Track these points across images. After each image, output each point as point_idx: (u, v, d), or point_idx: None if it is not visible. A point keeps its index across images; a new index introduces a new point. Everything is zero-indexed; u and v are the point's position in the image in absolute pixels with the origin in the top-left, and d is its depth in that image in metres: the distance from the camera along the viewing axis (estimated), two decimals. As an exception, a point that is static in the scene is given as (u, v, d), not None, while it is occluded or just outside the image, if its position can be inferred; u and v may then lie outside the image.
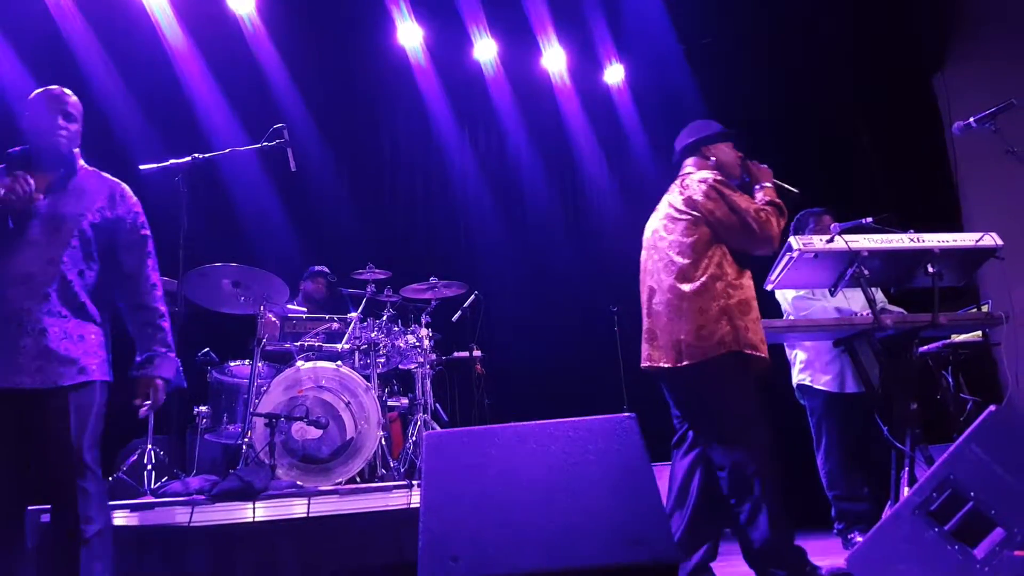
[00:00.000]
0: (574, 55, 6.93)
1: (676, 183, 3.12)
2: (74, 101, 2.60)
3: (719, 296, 2.80)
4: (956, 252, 3.50)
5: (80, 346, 2.41)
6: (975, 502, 2.20)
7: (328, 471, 4.05)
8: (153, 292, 2.60)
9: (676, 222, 2.95)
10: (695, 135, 3.25)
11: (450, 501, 1.56)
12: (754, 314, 2.87)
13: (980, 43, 6.42)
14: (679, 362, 2.81)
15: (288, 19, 6.04)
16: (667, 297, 2.90)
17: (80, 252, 2.46)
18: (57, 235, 2.42)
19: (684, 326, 2.80)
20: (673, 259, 2.91)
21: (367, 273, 4.84)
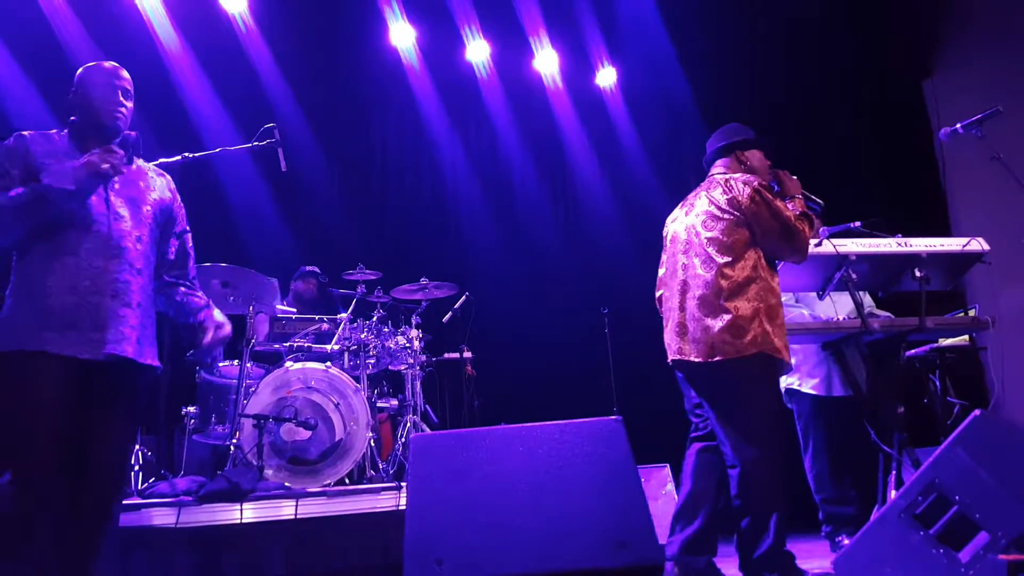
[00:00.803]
0: (566, 57, 6.93)
1: (714, 182, 3.12)
2: (129, 78, 2.52)
3: (755, 298, 2.86)
4: (943, 256, 3.53)
5: (153, 330, 2.43)
6: (960, 506, 2.21)
7: (317, 473, 4.03)
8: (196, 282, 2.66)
9: (718, 220, 2.98)
10: (730, 138, 3.29)
11: (436, 504, 1.56)
12: (780, 319, 2.94)
13: (970, 49, 6.47)
14: (711, 357, 2.85)
15: (281, 19, 6.01)
16: (703, 293, 2.92)
17: (156, 234, 2.48)
18: (139, 214, 2.41)
19: (719, 323, 2.84)
20: (713, 256, 2.94)
21: (357, 274, 4.83)
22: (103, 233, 2.29)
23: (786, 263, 3.30)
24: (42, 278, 2.21)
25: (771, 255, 3.04)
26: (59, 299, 2.20)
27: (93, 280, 2.24)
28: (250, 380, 4.21)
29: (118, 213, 2.35)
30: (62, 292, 2.20)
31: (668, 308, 3.13)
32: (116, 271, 2.29)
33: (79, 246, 2.25)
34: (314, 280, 5.37)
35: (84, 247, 2.26)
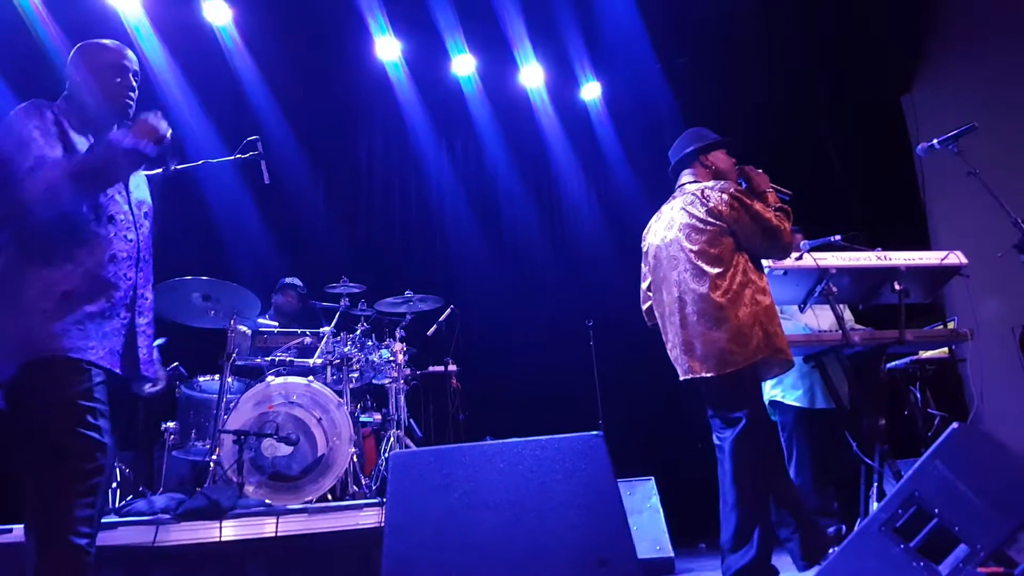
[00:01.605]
0: (552, 72, 6.97)
1: (687, 194, 3.13)
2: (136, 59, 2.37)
3: (750, 302, 2.90)
4: (922, 270, 3.57)
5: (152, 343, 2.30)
6: (939, 519, 2.22)
7: (298, 489, 3.99)
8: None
9: (701, 232, 3.00)
10: (692, 143, 3.31)
11: (414, 522, 1.54)
12: (776, 318, 2.97)
13: (948, 64, 6.58)
14: (723, 370, 2.85)
15: (265, 32, 5.99)
16: (701, 307, 2.93)
17: (152, 239, 2.33)
18: (142, 216, 2.27)
19: (724, 335, 2.86)
20: (704, 269, 2.95)
21: (341, 287, 4.80)
22: (133, 241, 2.19)
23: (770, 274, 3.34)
24: (81, 280, 2.05)
25: (756, 256, 3.09)
26: (99, 307, 2.06)
27: (125, 291, 2.14)
28: (231, 395, 4.17)
29: (138, 220, 2.25)
30: (101, 299, 2.07)
31: (669, 325, 3.11)
32: (141, 286, 2.20)
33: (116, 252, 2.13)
34: (293, 292, 5.34)
35: (120, 254, 2.14)
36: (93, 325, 2.04)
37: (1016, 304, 5.39)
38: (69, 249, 2.06)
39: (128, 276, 2.15)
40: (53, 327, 1.97)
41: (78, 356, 1.98)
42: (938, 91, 6.63)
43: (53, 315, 1.99)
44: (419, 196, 6.97)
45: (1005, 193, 3.35)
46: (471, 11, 6.23)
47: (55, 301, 2.00)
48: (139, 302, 2.19)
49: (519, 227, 7.12)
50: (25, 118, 2.11)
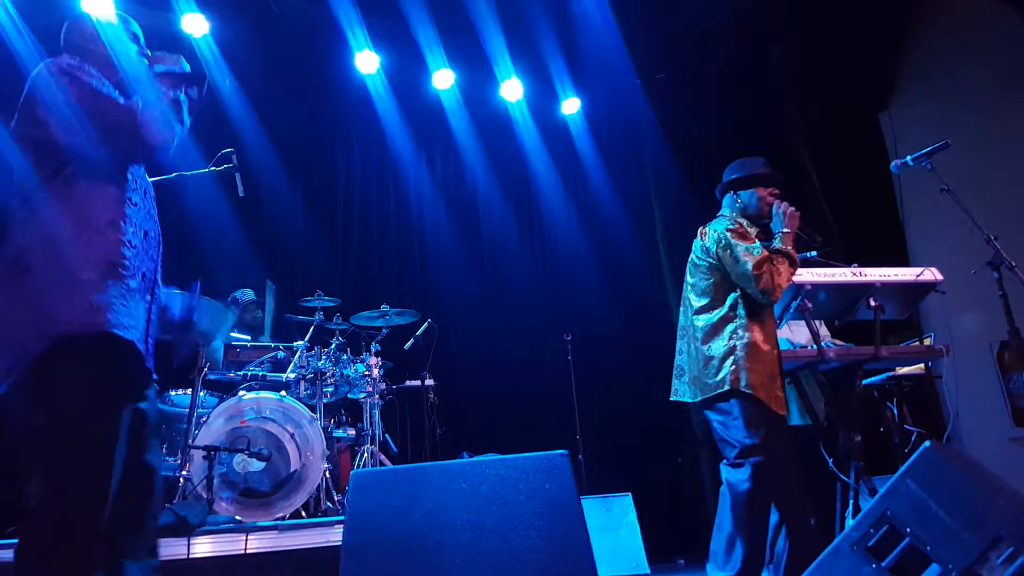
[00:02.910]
0: (531, 86, 6.99)
1: (703, 226, 3.29)
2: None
3: (730, 337, 3.00)
4: (897, 286, 3.58)
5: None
6: (911, 538, 2.20)
7: (270, 505, 3.92)
8: None
9: (696, 267, 3.20)
10: (729, 175, 3.44)
11: (372, 543, 1.50)
12: (762, 356, 3.00)
13: (925, 82, 6.65)
14: (695, 398, 3.04)
15: (244, 43, 5.95)
16: (688, 335, 3.14)
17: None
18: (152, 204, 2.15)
19: (698, 365, 3.03)
20: (693, 301, 3.16)
21: (316, 300, 4.75)
22: (156, 220, 2.10)
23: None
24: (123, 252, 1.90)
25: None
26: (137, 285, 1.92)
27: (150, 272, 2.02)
28: (203, 409, 4.10)
29: (148, 202, 2.12)
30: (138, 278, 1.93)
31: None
32: (158, 267, 2.09)
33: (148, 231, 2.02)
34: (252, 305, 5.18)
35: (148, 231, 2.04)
36: (133, 302, 1.88)
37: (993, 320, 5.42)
38: (113, 218, 1.91)
39: (154, 257, 2.04)
40: (97, 299, 1.78)
41: (122, 334, 1.81)
42: (916, 109, 6.70)
43: (96, 286, 1.80)
44: (398, 210, 6.94)
45: (981, 209, 3.37)
46: (451, 25, 6.23)
47: (100, 272, 1.83)
48: (156, 289, 2.06)
49: (498, 241, 7.11)
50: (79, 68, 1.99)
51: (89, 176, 1.90)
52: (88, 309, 1.76)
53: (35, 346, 1.73)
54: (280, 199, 6.34)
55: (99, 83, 1.97)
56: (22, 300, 1.78)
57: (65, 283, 1.78)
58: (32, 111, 1.94)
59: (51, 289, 1.77)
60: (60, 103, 1.90)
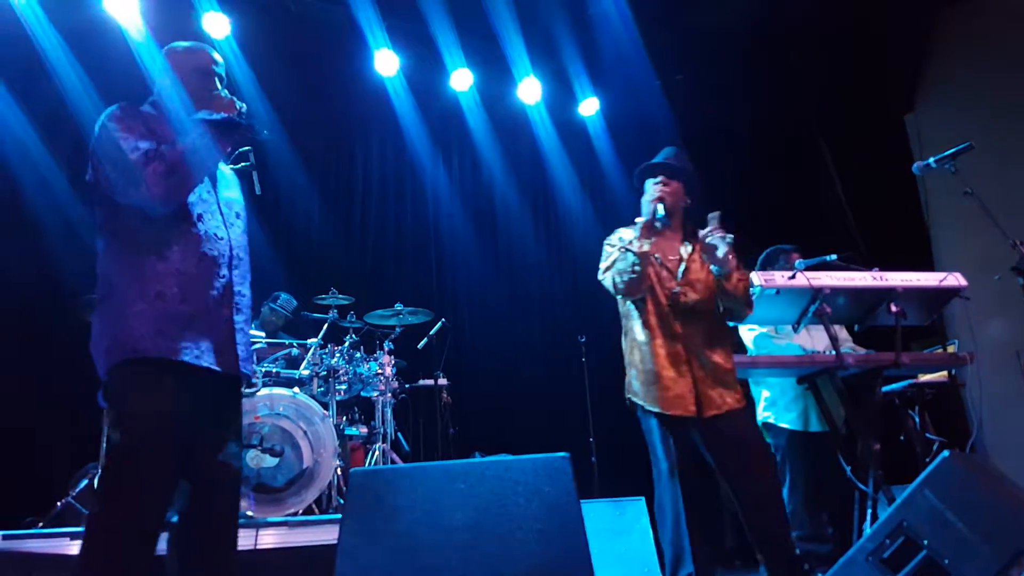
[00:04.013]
0: (549, 87, 6.96)
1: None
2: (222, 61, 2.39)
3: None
4: (919, 291, 3.49)
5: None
6: (928, 550, 2.14)
7: (281, 501, 3.93)
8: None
9: None
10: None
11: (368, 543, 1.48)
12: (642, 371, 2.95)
13: (951, 83, 6.53)
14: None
15: (265, 45, 5.99)
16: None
17: (247, 238, 2.35)
18: (233, 215, 2.28)
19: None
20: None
21: (330, 298, 4.76)
22: (224, 240, 2.19)
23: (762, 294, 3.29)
24: (172, 281, 2.05)
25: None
26: (192, 306, 2.06)
27: (219, 291, 2.13)
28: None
29: (230, 219, 2.25)
30: (194, 298, 2.07)
31: None
32: (238, 283, 2.20)
33: (206, 252, 2.13)
34: (283, 313, 5.24)
35: (210, 254, 2.13)
36: (187, 325, 2.04)
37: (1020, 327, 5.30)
38: (160, 250, 2.07)
39: (222, 274, 2.15)
40: (145, 328, 1.99)
41: (167, 356, 1.98)
42: (941, 110, 6.57)
43: (145, 316, 2.00)
44: (414, 209, 6.94)
45: (1007, 213, 3.27)
46: (469, 26, 6.23)
47: (148, 301, 2.02)
48: (236, 299, 2.18)
49: (514, 242, 7.08)
50: (119, 119, 2.13)
51: (136, 213, 2.08)
52: (134, 338, 1.98)
53: (103, 365, 2.02)
54: (297, 197, 6.36)
55: (125, 130, 2.10)
56: (102, 322, 2.07)
57: (120, 314, 2.02)
58: (92, 151, 2.16)
59: (112, 318, 2.04)
60: (98, 147, 2.12)
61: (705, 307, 2.93)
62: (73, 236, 4.92)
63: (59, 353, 4.82)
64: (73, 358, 4.72)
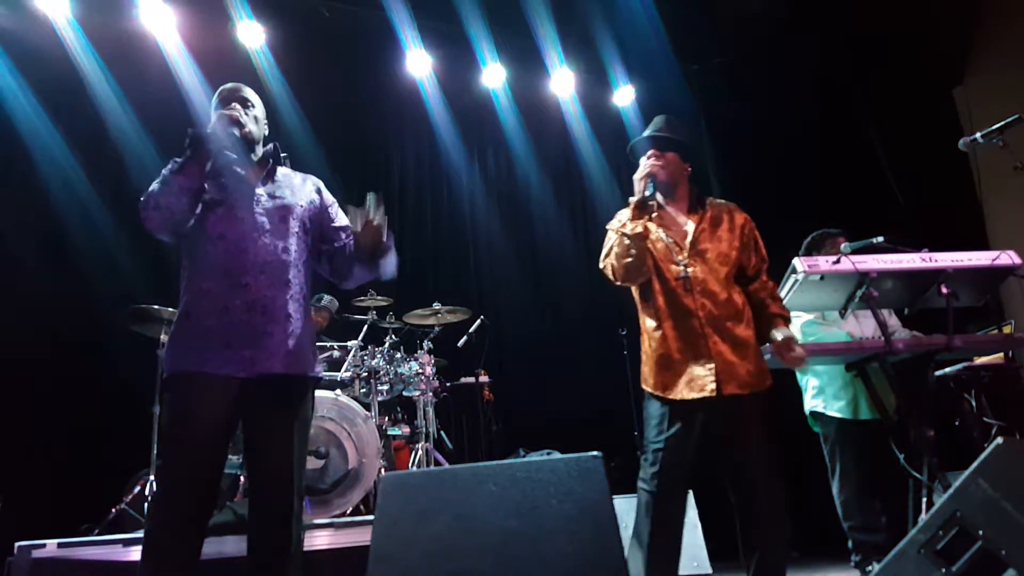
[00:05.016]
0: (583, 76, 6.90)
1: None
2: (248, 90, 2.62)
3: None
4: (971, 271, 3.35)
5: (310, 339, 2.47)
6: (984, 541, 2.05)
7: (327, 503, 3.99)
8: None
9: None
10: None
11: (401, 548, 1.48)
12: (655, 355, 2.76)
13: (1001, 54, 6.26)
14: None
15: (298, 52, 6.08)
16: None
17: (306, 239, 2.52)
18: (284, 225, 2.45)
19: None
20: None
21: (368, 300, 4.80)
22: (249, 251, 2.34)
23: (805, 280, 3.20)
24: (197, 299, 2.31)
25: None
26: (215, 319, 2.27)
27: (243, 298, 2.30)
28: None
29: (263, 228, 2.39)
30: (217, 312, 2.28)
31: None
32: (263, 287, 2.33)
33: (228, 265, 2.31)
34: (327, 313, 5.33)
35: (233, 266, 2.32)
36: (211, 338, 2.26)
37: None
38: (190, 273, 2.36)
39: (244, 283, 2.31)
40: (176, 347, 2.29)
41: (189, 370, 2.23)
42: (992, 82, 6.31)
43: (177, 335, 2.31)
44: (450, 208, 6.96)
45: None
46: (500, 20, 6.22)
47: (181, 321, 2.32)
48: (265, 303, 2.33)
49: (552, 236, 7.04)
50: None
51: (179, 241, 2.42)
52: (169, 358, 2.30)
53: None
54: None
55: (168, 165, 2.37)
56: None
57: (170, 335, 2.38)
58: None
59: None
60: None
61: (719, 278, 2.73)
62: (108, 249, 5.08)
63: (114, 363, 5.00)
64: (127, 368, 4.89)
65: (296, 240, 2.45)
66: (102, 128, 5.36)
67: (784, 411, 6.04)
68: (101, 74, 5.37)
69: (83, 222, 5.27)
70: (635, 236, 2.72)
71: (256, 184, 2.47)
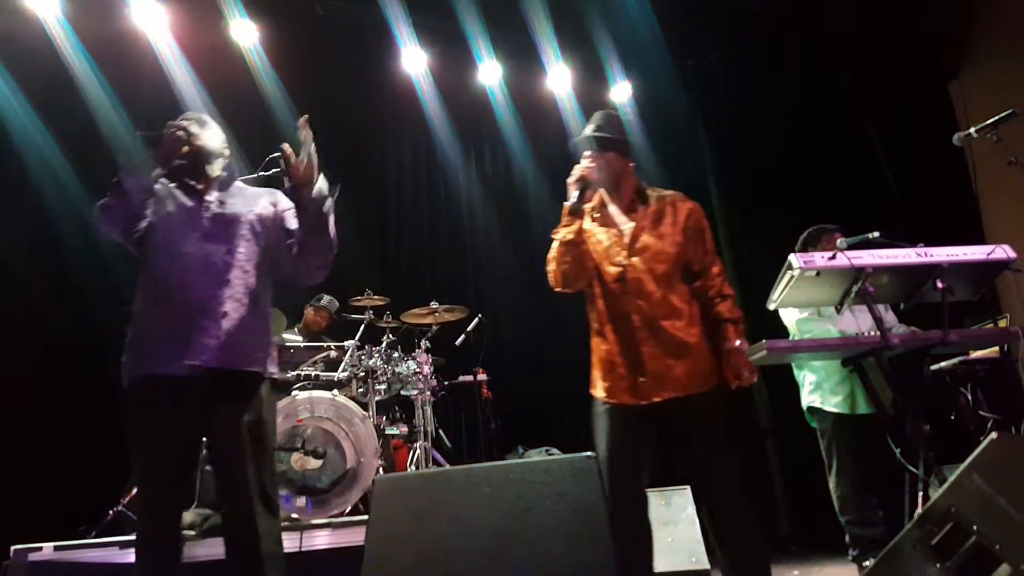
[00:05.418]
0: (579, 75, 6.88)
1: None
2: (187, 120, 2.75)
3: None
4: (966, 266, 3.35)
5: (253, 337, 2.49)
6: (978, 536, 2.06)
7: (325, 503, 3.99)
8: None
9: None
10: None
11: (394, 550, 1.48)
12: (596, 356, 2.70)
13: (998, 47, 6.25)
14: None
15: (292, 50, 6.06)
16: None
17: (257, 242, 2.58)
18: (231, 230, 2.54)
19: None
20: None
21: (365, 299, 4.80)
22: (191, 254, 2.45)
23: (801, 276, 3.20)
24: (144, 306, 2.45)
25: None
26: (157, 320, 2.40)
27: (181, 298, 2.39)
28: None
29: (208, 233, 2.50)
30: (159, 314, 2.40)
31: None
32: (203, 287, 2.41)
33: (170, 270, 2.43)
34: (326, 313, 5.32)
35: (174, 270, 2.42)
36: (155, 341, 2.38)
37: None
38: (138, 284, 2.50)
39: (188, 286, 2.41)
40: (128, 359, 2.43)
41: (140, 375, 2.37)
42: (988, 76, 6.30)
43: (128, 346, 2.44)
44: (447, 206, 6.95)
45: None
46: (496, 17, 6.19)
47: (130, 332, 2.46)
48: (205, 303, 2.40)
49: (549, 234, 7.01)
50: None
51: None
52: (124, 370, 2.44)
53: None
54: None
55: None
56: None
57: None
58: None
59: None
60: None
61: (658, 276, 2.63)
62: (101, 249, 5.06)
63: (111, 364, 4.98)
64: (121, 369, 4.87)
65: (245, 244, 2.53)
66: (93, 128, 5.34)
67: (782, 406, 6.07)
68: (92, 74, 5.34)
69: (75, 222, 5.25)
70: (568, 242, 2.69)
71: (207, 193, 2.60)
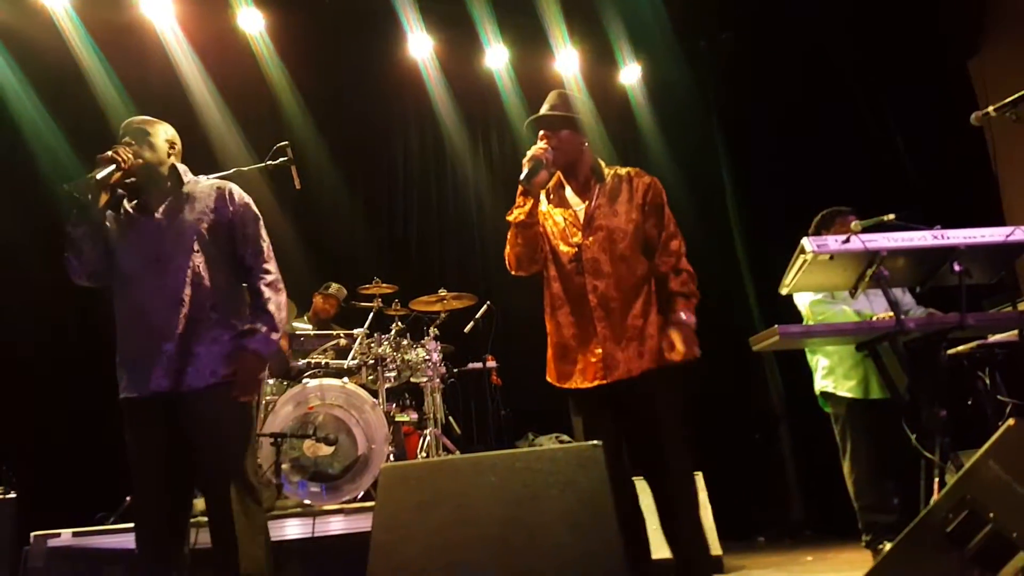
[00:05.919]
0: (588, 57, 6.80)
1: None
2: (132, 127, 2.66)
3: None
4: (984, 248, 3.29)
5: (214, 349, 2.47)
6: (995, 523, 2.02)
7: (337, 489, 4.01)
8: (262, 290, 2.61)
9: None
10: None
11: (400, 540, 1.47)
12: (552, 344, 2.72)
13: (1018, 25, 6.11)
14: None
15: (299, 38, 6.03)
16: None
17: (211, 251, 2.54)
18: (181, 243, 2.51)
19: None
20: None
21: (374, 287, 4.80)
22: (146, 281, 2.46)
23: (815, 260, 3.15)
24: (120, 334, 2.50)
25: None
26: (129, 347, 2.47)
27: (144, 324, 2.44)
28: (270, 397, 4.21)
29: (158, 255, 2.48)
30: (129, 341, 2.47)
31: None
32: (159, 310, 2.43)
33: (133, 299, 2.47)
34: (334, 301, 5.33)
35: (136, 299, 2.46)
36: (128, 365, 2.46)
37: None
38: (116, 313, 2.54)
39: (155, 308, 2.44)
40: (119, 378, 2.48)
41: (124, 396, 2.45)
42: (1010, 53, 6.16)
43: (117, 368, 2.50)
44: (454, 193, 6.91)
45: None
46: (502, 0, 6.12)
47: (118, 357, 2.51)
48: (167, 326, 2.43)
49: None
50: None
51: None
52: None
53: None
54: (336, 188, 6.38)
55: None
56: None
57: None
58: None
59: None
60: None
61: (615, 255, 2.58)
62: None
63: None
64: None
65: (196, 257, 2.49)
66: (102, 120, 5.34)
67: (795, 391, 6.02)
68: (100, 65, 5.34)
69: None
70: (520, 223, 2.64)
71: (156, 210, 2.55)
